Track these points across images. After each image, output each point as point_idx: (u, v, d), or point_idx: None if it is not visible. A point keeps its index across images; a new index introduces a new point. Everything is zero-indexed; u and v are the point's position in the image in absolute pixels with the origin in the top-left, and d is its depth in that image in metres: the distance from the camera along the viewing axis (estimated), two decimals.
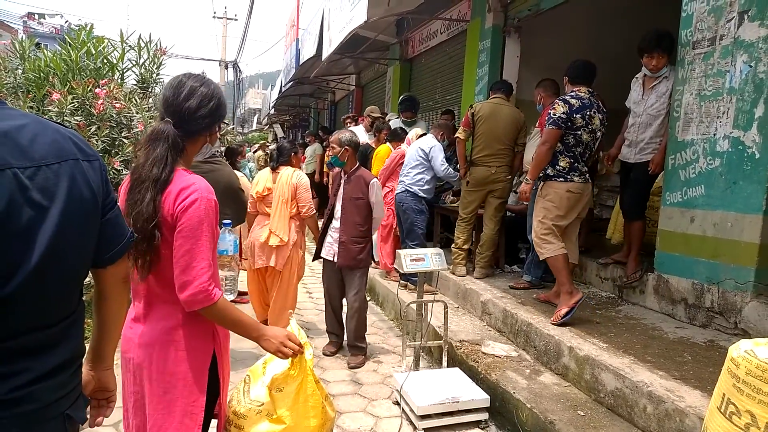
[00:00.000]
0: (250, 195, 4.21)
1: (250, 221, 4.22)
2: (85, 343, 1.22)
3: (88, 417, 1.31)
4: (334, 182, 4.08)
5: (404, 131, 5.98)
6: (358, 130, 6.85)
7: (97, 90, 4.19)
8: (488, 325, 4.09)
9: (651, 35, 3.63)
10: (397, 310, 4.61)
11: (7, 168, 0.95)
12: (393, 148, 5.84)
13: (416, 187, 5.05)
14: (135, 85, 4.92)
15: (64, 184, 1.03)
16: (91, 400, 1.34)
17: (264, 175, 4.16)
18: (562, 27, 6.13)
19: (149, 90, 4.87)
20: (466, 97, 6.92)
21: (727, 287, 3.16)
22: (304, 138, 13.41)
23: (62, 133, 1.08)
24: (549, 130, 3.53)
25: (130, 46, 4.81)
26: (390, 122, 6.88)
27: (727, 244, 3.18)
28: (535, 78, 4.84)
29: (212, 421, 1.73)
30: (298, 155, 4.35)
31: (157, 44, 4.91)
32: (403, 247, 4.86)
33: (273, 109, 20.37)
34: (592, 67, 3.66)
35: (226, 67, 26.97)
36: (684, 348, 3.00)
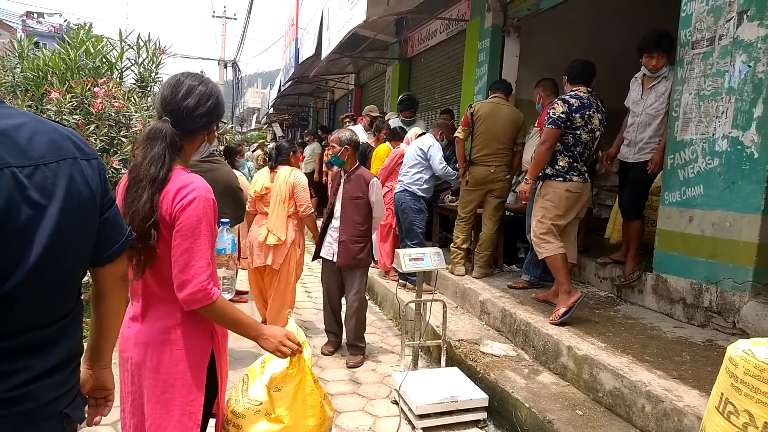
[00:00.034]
0: (248, 194, 4.22)
1: (249, 220, 4.22)
2: (84, 342, 1.22)
3: (86, 416, 1.31)
4: (334, 181, 4.08)
5: (404, 130, 5.96)
6: (357, 130, 6.84)
7: (96, 89, 4.19)
8: (487, 324, 4.09)
9: (651, 35, 3.63)
10: (396, 309, 4.61)
11: (5, 167, 0.95)
12: (392, 148, 5.84)
13: (415, 187, 5.05)
14: (134, 84, 4.91)
15: (63, 183, 1.03)
16: (89, 399, 1.34)
17: (262, 175, 4.16)
18: (562, 27, 6.13)
19: (148, 89, 4.86)
20: (465, 96, 6.92)
21: (725, 287, 3.17)
22: (303, 137, 13.41)
23: (61, 131, 1.08)
24: (548, 129, 3.53)
25: (129, 45, 4.80)
26: (389, 121, 6.88)
27: (725, 244, 3.18)
28: (535, 78, 4.84)
29: (210, 420, 1.73)
30: (297, 154, 4.36)
31: (156, 43, 4.91)
32: (402, 247, 4.86)
33: (272, 109, 20.34)
34: (591, 67, 3.66)
35: (225, 66, 26.97)
36: (682, 347, 3.00)
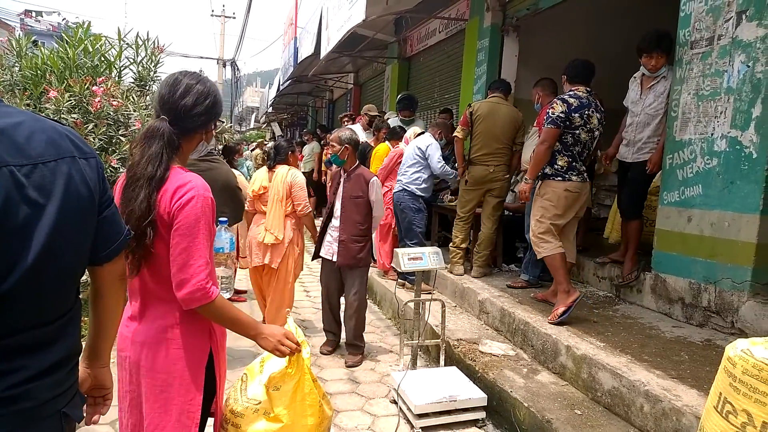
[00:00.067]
0: (247, 193, 4.22)
1: (248, 219, 4.23)
2: (82, 341, 1.22)
3: (85, 415, 1.31)
4: (334, 181, 4.07)
5: (403, 130, 5.97)
6: (356, 129, 6.83)
7: (95, 88, 4.18)
8: (486, 324, 4.09)
9: (651, 35, 3.63)
10: (395, 308, 4.61)
11: (3, 166, 0.95)
12: (391, 147, 5.84)
13: (413, 186, 5.05)
14: (132, 83, 4.90)
15: (61, 182, 1.02)
16: (87, 398, 1.33)
17: (261, 174, 4.17)
18: (561, 26, 6.13)
19: (147, 88, 4.85)
20: (465, 96, 6.92)
21: (724, 287, 3.17)
22: (302, 136, 13.40)
23: (59, 130, 1.08)
24: (548, 129, 3.53)
25: (127, 44, 4.79)
26: (388, 121, 6.88)
27: (724, 244, 3.18)
28: (534, 77, 4.84)
29: (209, 419, 1.73)
30: (296, 154, 4.36)
31: (154, 42, 4.90)
32: (402, 246, 4.86)
33: (271, 108, 20.32)
34: (591, 67, 3.66)
35: (224, 66, 26.94)
36: (681, 347, 3.00)
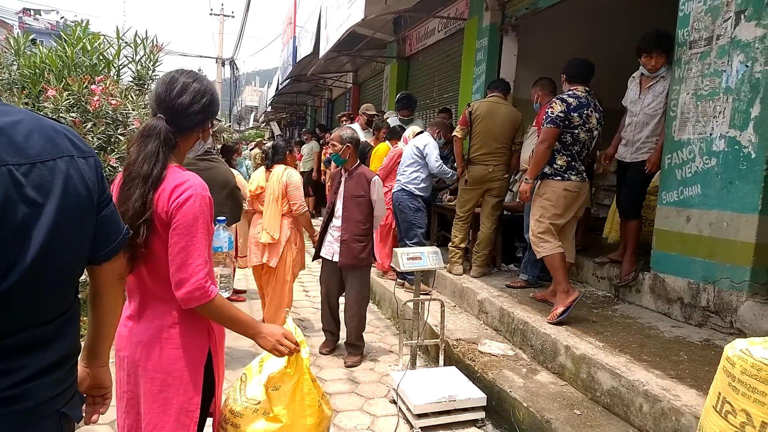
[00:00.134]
0: (245, 193, 4.22)
1: (248, 219, 4.23)
2: (81, 341, 1.21)
3: (84, 414, 1.31)
4: (334, 180, 4.06)
5: (403, 129, 5.97)
6: (355, 128, 6.83)
7: (93, 87, 4.17)
8: (485, 323, 4.09)
9: (651, 35, 3.63)
10: (394, 308, 4.61)
11: (2, 165, 0.94)
12: (391, 146, 5.84)
13: (412, 186, 5.05)
14: (131, 82, 4.89)
15: (60, 181, 1.02)
16: (86, 398, 1.33)
17: (258, 174, 4.18)
18: (560, 26, 6.13)
19: (145, 87, 4.84)
20: (464, 95, 6.92)
21: (722, 286, 3.18)
22: (301, 136, 13.40)
23: (57, 129, 1.07)
24: (547, 128, 3.53)
25: (126, 43, 4.78)
26: (388, 120, 6.88)
27: (723, 244, 3.19)
28: (533, 77, 4.84)
29: (208, 419, 1.73)
30: (294, 153, 4.36)
31: (153, 41, 4.89)
32: (402, 246, 4.86)
33: (270, 107, 20.31)
34: (590, 66, 3.66)
35: (223, 65, 26.94)
36: (680, 347, 3.01)
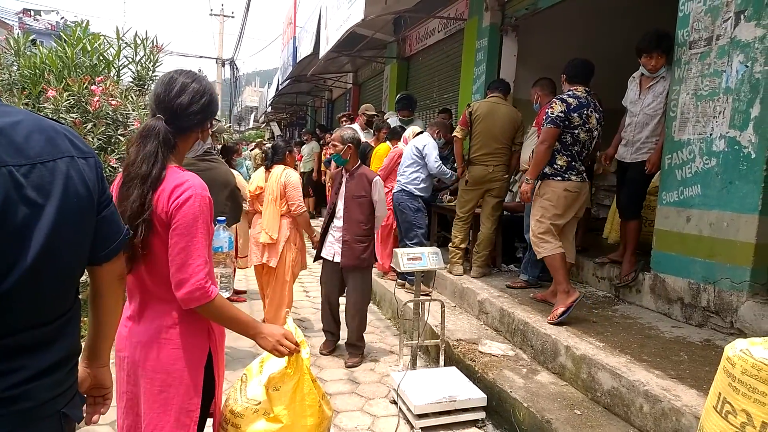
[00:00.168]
0: (245, 193, 4.23)
1: (248, 219, 4.24)
2: (81, 341, 1.21)
3: (85, 415, 1.31)
4: (335, 180, 4.05)
5: (404, 129, 5.97)
6: (355, 129, 6.83)
7: (93, 87, 4.17)
8: (485, 324, 4.09)
9: (651, 36, 3.63)
10: (395, 309, 4.61)
11: (2, 166, 0.94)
12: (392, 147, 5.84)
13: (412, 186, 5.05)
14: (131, 82, 4.89)
15: (60, 182, 1.02)
16: (87, 398, 1.33)
17: (258, 174, 4.20)
18: (560, 26, 6.13)
19: (145, 87, 4.84)
20: (464, 95, 6.92)
21: (723, 287, 3.18)
22: (301, 136, 13.40)
23: (58, 129, 1.07)
24: (547, 128, 3.53)
25: (126, 43, 4.78)
26: (388, 120, 6.88)
27: (723, 244, 3.19)
28: (533, 77, 4.84)
29: (208, 419, 1.72)
30: (293, 154, 4.36)
31: (153, 41, 4.89)
32: (402, 246, 4.86)
33: (270, 107, 20.31)
34: (590, 66, 3.66)
35: (223, 65, 26.96)
36: (680, 347, 3.01)
